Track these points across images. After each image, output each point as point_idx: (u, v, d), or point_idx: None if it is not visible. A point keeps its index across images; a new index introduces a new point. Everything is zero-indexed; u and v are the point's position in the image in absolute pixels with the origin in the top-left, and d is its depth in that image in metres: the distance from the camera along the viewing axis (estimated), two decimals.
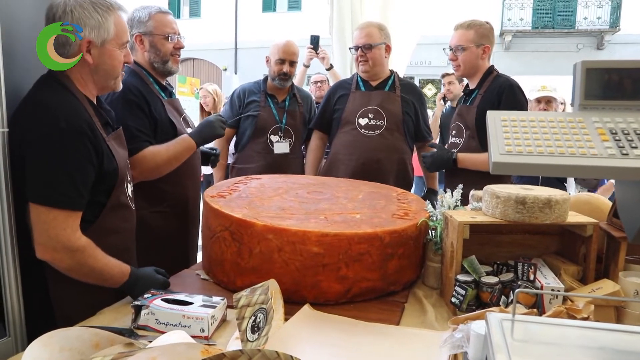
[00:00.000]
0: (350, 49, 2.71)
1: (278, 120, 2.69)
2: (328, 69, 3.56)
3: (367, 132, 2.52)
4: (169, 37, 1.90)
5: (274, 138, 2.69)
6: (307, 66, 3.51)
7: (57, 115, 1.26)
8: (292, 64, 2.70)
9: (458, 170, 2.33)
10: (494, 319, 0.80)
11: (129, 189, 1.52)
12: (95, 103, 1.44)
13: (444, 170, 2.52)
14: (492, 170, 0.77)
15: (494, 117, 0.86)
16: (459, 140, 2.42)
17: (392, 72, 2.69)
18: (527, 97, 2.58)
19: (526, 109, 2.39)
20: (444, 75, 4.66)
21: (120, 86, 1.49)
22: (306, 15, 14.18)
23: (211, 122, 1.94)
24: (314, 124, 2.75)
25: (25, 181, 1.25)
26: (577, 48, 14.03)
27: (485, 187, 1.48)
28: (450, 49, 2.40)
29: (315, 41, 3.42)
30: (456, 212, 1.48)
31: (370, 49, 2.55)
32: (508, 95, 2.26)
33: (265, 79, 2.79)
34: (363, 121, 2.55)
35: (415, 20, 4.00)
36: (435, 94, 14.70)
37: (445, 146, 2.53)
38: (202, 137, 1.91)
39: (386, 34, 2.63)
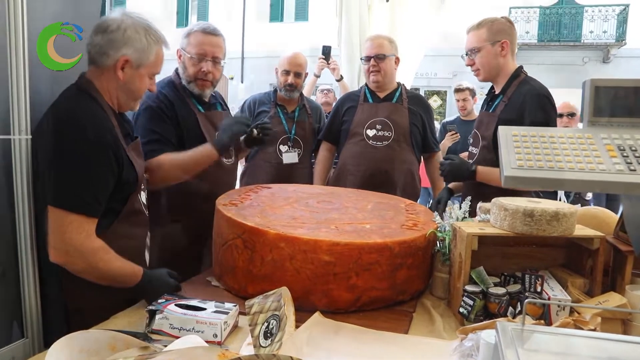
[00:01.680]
0: (361, 59, 2.74)
1: (287, 130, 2.73)
2: (338, 80, 3.61)
3: (375, 143, 2.56)
4: (197, 59, 1.91)
5: (283, 148, 2.72)
6: (317, 76, 3.55)
7: (84, 125, 1.31)
8: (298, 75, 2.75)
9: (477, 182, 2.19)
10: (504, 328, 0.83)
11: (144, 196, 1.56)
12: (117, 114, 1.48)
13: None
14: (503, 184, 0.79)
15: (505, 132, 0.89)
16: (476, 151, 2.27)
17: (399, 84, 2.73)
18: None
19: (554, 121, 2.09)
20: (457, 90, 4.46)
21: (137, 107, 1.56)
22: (313, 26, 14.32)
23: (229, 125, 1.88)
24: (323, 135, 2.78)
25: (46, 185, 1.29)
26: (583, 61, 14.06)
27: (493, 200, 1.50)
28: (466, 54, 2.25)
29: (326, 51, 3.45)
30: (465, 223, 1.50)
31: (383, 59, 2.59)
32: (532, 106, 2.02)
33: (276, 89, 2.84)
34: (371, 132, 2.58)
35: (422, 32, 4.05)
36: (441, 105, 14.76)
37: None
38: (221, 143, 1.84)
39: (395, 46, 2.68)
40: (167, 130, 1.84)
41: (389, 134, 2.56)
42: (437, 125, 4.59)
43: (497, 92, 2.21)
